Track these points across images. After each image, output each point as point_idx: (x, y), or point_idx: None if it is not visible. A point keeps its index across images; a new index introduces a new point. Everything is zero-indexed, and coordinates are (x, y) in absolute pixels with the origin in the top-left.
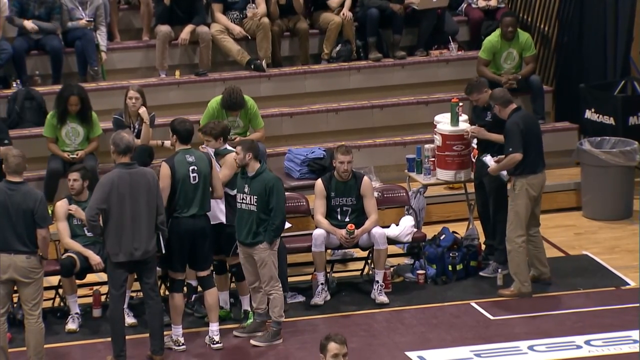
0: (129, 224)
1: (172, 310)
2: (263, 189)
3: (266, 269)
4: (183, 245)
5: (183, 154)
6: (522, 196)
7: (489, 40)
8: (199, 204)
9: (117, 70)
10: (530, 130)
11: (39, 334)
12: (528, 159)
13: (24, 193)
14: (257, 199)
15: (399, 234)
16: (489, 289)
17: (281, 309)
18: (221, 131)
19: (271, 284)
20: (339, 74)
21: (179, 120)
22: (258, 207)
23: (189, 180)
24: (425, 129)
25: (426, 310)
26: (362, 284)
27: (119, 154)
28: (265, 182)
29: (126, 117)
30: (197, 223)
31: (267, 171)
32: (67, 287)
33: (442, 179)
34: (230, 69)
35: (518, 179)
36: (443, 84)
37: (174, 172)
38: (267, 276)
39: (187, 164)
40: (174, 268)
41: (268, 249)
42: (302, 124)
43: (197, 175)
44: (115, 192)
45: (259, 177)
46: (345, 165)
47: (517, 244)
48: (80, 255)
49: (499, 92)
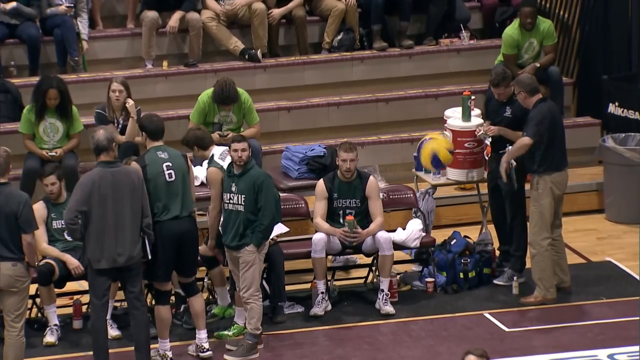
0: (112, 228)
1: (158, 323)
2: (251, 186)
3: (249, 273)
4: (167, 252)
5: (154, 151)
6: (546, 195)
7: (509, 35)
8: (180, 204)
9: (100, 60)
10: (555, 124)
11: (19, 348)
12: (552, 155)
13: (6, 195)
14: (244, 197)
15: (406, 239)
16: (503, 299)
17: (258, 320)
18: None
19: (250, 291)
20: (340, 65)
21: (146, 116)
22: (246, 207)
23: (163, 179)
24: (435, 124)
25: (435, 322)
26: (366, 293)
27: (99, 151)
28: (254, 178)
29: (109, 112)
30: (182, 226)
31: (255, 167)
32: (45, 296)
33: (453, 179)
34: (222, 60)
35: (542, 176)
36: (454, 75)
37: (144, 171)
38: (248, 281)
39: (160, 161)
40: (159, 278)
41: (255, 252)
42: (300, 119)
43: (172, 172)
44: (97, 193)
45: (247, 174)
46: (348, 163)
47: (543, 247)
48: (58, 261)
49: (527, 79)
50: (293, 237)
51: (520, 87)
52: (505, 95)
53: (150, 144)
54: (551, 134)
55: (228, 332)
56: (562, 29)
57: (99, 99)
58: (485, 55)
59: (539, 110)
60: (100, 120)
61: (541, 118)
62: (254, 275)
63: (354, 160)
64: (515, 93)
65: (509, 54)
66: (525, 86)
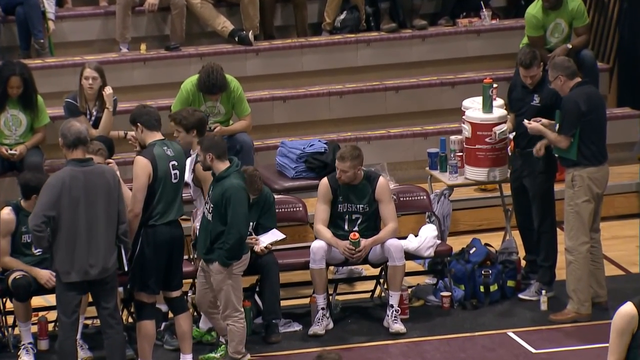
0: (84, 235)
1: (141, 342)
2: (220, 197)
3: (221, 295)
4: (160, 260)
5: (160, 146)
6: (583, 193)
7: (532, 15)
8: (177, 208)
9: (69, 43)
10: (594, 111)
11: None
12: (589, 148)
13: None
14: (213, 207)
15: (419, 247)
16: (530, 315)
17: (239, 343)
18: (196, 122)
19: (227, 313)
20: (343, 49)
21: (139, 107)
22: (214, 218)
23: (170, 179)
24: (451, 116)
25: (452, 342)
26: (373, 309)
27: (68, 147)
28: (224, 189)
29: (81, 102)
30: (174, 231)
31: (231, 176)
32: (21, 313)
33: (472, 179)
34: (209, 42)
35: (577, 171)
36: (473, 60)
37: (155, 169)
38: (223, 302)
39: (167, 159)
40: (149, 289)
41: (223, 273)
42: (298, 110)
43: (177, 172)
44: (67, 196)
45: (220, 182)
46: (340, 174)
47: (581, 253)
48: (29, 274)
49: (565, 61)
50: (289, 245)
51: (558, 70)
52: (535, 79)
53: (150, 136)
54: (589, 122)
55: (215, 355)
56: (596, 7)
57: (68, 87)
58: (509, 37)
59: (573, 99)
60: (70, 111)
61: (575, 109)
62: (228, 297)
63: (347, 171)
64: (551, 80)
65: (534, 36)
66: (565, 69)
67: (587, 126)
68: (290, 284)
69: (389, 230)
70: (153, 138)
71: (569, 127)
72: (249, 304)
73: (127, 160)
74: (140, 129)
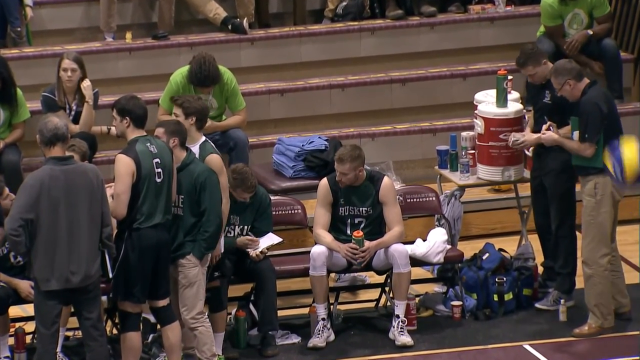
0: (65, 240)
1: (126, 354)
2: (191, 185)
3: (191, 292)
4: (145, 266)
5: (143, 142)
6: (607, 202)
7: (548, 4)
8: (163, 209)
9: (48, 32)
10: (613, 112)
11: None
12: None
13: None
14: (183, 198)
15: (427, 253)
16: (547, 327)
17: (212, 345)
18: (198, 109)
19: (193, 313)
20: (346, 38)
21: (127, 97)
22: (185, 210)
23: (154, 179)
24: (462, 110)
25: (464, 355)
26: (378, 319)
27: (45, 144)
28: (194, 175)
29: (59, 95)
30: (161, 235)
31: (196, 161)
32: None
33: (485, 179)
34: (200, 31)
35: (599, 178)
36: (486, 50)
37: (139, 168)
38: (190, 301)
39: (151, 156)
40: (134, 298)
41: (197, 266)
42: (296, 105)
43: (161, 170)
44: (46, 197)
45: (185, 169)
46: (339, 177)
47: (602, 266)
48: (8, 286)
49: (566, 64)
50: (287, 250)
51: (563, 75)
52: (539, 76)
53: (133, 132)
54: (610, 124)
55: None
56: None
57: (47, 80)
58: (525, 25)
59: (592, 101)
60: (48, 105)
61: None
62: (197, 295)
63: (348, 174)
64: (557, 88)
65: (551, 26)
66: (569, 72)
67: (608, 128)
68: (288, 293)
69: (394, 235)
70: (136, 134)
71: (594, 132)
72: (244, 314)
73: (111, 159)
74: (127, 123)
